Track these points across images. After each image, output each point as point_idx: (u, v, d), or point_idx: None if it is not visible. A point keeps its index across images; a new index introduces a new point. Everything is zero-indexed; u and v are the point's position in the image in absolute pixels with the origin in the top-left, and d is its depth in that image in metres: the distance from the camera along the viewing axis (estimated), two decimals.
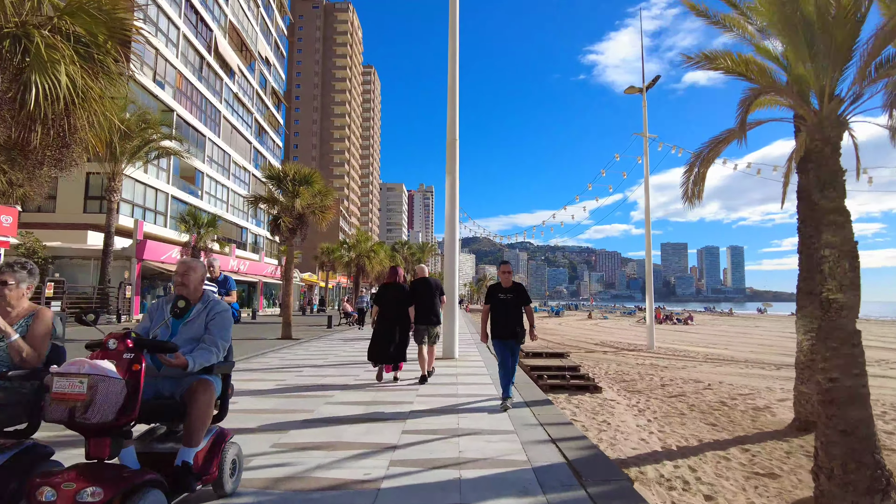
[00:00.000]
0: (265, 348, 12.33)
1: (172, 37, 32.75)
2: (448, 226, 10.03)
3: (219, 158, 39.60)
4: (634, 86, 21.68)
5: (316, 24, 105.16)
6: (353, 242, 38.33)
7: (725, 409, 9.32)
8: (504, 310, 5.82)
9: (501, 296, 5.87)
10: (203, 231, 22.18)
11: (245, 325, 23.84)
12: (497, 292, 5.93)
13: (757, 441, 7.19)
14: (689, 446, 6.93)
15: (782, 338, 28.40)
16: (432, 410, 5.40)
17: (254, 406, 5.63)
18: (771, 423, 8.24)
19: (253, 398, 6.09)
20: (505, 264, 6.11)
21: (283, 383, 7.16)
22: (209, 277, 7.20)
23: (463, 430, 4.59)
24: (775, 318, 67.21)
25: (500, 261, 6.22)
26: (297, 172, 14.97)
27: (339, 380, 7.49)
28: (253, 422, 4.89)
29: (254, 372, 8.30)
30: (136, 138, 20.09)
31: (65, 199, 26.44)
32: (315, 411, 5.34)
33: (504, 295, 5.87)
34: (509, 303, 5.82)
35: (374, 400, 5.96)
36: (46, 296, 16.54)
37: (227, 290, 7.23)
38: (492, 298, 5.95)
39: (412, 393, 6.41)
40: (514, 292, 5.89)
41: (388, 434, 4.46)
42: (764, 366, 15.72)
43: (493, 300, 5.92)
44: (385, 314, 7.25)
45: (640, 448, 6.83)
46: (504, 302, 5.84)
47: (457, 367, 8.97)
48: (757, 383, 12.23)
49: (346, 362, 9.67)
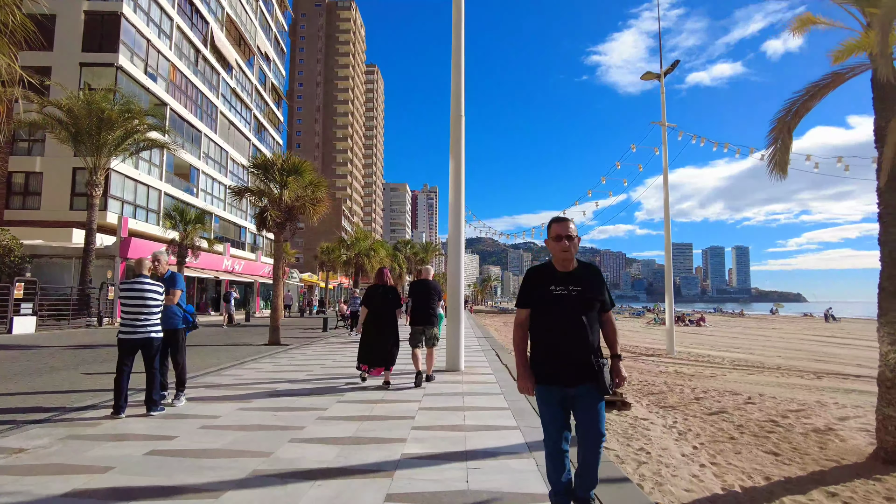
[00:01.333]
0: (246, 357, 10.96)
1: (165, 28, 31.51)
2: (452, 215, 8.62)
3: (215, 155, 38.35)
4: (651, 71, 20.21)
5: (318, 23, 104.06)
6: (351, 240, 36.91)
7: (781, 430, 7.86)
8: (565, 318, 2.73)
9: (558, 289, 2.76)
10: (190, 227, 20.80)
11: (236, 329, 22.50)
12: (547, 282, 2.79)
13: (839, 479, 5.74)
14: (758, 487, 5.49)
15: (806, 341, 26.86)
16: (432, 457, 3.98)
17: (197, 444, 4.25)
18: (845, 452, 6.79)
19: (202, 433, 4.70)
20: (562, 222, 2.83)
21: (248, 407, 5.77)
22: (153, 274, 5.85)
23: (475, 495, 3.19)
24: (789, 319, 65.46)
25: (553, 219, 2.91)
26: (285, 162, 13.61)
27: (317, 401, 6.10)
28: (182, 473, 3.50)
29: (217, 390, 6.91)
30: (118, 129, 18.78)
31: (50, 196, 25.24)
32: (272, 455, 3.95)
33: (563, 288, 2.76)
34: (574, 303, 2.73)
35: (355, 435, 4.56)
36: (16, 297, 15.22)
37: (169, 288, 5.88)
38: (536, 296, 2.82)
39: (406, 423, 5.01)
40: (584, 281, 2.79)
41: (368, 502, 3.06)
42: (802, 374, 14.23)
43: (541, 299, 2.80)
44: (373, 316, 7.05)
45: (695, 489, 5.39)
46: (563, 301, 2.74)
47: (462, 382, 7.56)
48: (803, 396, 10.76)
49: (332, 375, 8.28)
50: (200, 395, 6.48)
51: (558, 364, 2.73)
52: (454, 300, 8.75)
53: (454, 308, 8.70)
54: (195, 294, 33.69)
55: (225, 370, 8.81)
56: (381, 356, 6.96)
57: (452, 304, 8.73)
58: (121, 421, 5.04)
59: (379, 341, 6.96)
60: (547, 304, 2.77)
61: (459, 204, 8.59)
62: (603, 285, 2.87)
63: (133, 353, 5.38)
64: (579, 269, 2.85)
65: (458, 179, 8.56)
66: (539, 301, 2.80)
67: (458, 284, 8.73)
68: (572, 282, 2.77)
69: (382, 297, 7.07)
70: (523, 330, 2.88)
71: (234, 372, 8.58)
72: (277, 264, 14.11)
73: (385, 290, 7.13)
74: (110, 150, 19.05)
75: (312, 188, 14.09)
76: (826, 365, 15.96)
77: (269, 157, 14.70)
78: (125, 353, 5.34)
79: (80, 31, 26.27)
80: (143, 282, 5.42)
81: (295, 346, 13.60)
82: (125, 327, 5.33)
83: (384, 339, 6.97)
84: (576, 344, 2.72)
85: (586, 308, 2.76)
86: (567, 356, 2.72)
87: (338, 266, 38.04)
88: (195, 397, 6.26)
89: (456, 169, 8.59)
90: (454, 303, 8.74)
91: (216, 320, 26.66)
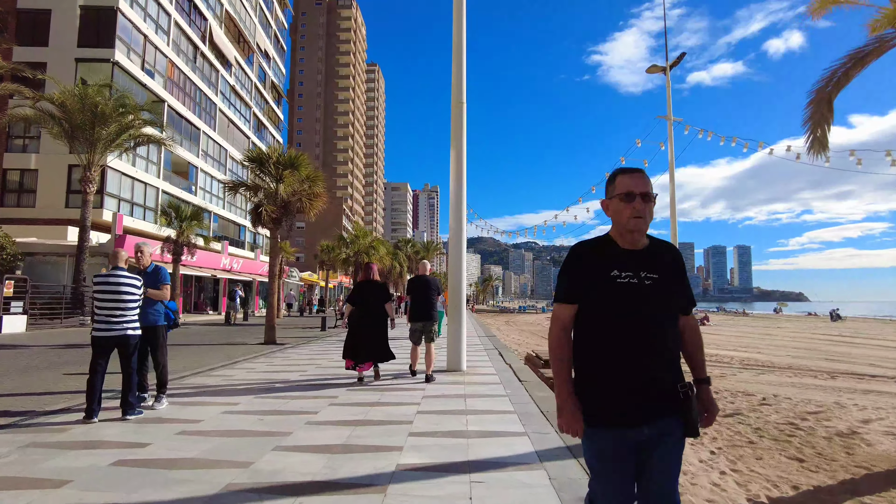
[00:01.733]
0: (240, 356, 10.55)
1: (163, 24, 31.12)
2: (454, 206, 8.18)
3: (214, 153, 37.96)
4: (657, 64, 19.76)
5: (319, 21, 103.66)
6: (351, 238, 36.48)
7: (802, 434, 7.42)
8: (637, 319, 1.77)
9: (624, 275, 1.79)
10: (186, 224, 20.38)
11: (233, 327, 22.11)
12: (607, 264, 1.81)
13: (873, 489, 5.29)
14: (785, 497, 5.05)
15: (814, 340, 26.40)
16: (431, 468, 3.55)
17: (171, 452, 3.83)
18: (874, 459, 6.34)
19: (179, 439, 4.28)
20: (635, 174, 1.86)
21: (233, 410, 5.35)
22: (135, 267, 5.45)
23: None
24: (793, 318, 64.91)
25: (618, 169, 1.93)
26: (280, 155, 13.18)
27: (309, 404, 5.67)
28: (147, 488, 3.08)
29: (203, 392, 6.49)
30: (112, 124, 18.37)
31: (45, 193, 24.87)
32: (252, 466, 3.53)
33: (632, 274, 1.79)
34: (651, 296, 1.79)
35: (346, 443, 4.13)
36: (6, 295, 14.82)
37: (158, 283, 5.49)
38: (589, 285, 1.82)
39: (403, 429, 4.58)
40: (662, 265, 1.85)
41: None
42: (815, 374, 13.78)
43: (597, 289, 1.81)
44: (361, 312, 6.99)
45: (717, 500, 4.96)
46: (633, 294, 1.78)
47: (465, 383, 7.13)
48: (820, 397, 10.32)
49: (328, 375, 7.86)
50: (185, 397, 6.07)
51: (625, 392, 1.74)
52: (456, 296, 8.30)
53: (456, 305, 8.25)
54: (193, 292, 33.31)
55: (215, 370, 8.40)
56: (370, 351, 6.91)
57: (454, 301, 8.29)
58: (92, 426, 4.63)
59: (366, 336, 6.89)
60: (607, 298, 1.77)
61: (461, 195, 8.16)
62: (685, 273, 1.94)
63: (108, 352, 4.97)
64: (654, 246, 1.87)
65: (459, 168, 8.12)
66: (594, 293, 1.79)
67: (460, 279, 8.29)
68: (645, 265, 1.80)
69: (370, 293, 7.03)
70: (566, 336, 1.85)
71: (224, 372, 8.16)
72: (273, 261, 13.68)
73: (373, 285, 7.11)
74: (105, 146, 18.64)
75: (310, 182, 13.66)
76: (839, 364, 15.52)
77: (265, 150, 14.28)
78: (99, 353, 4.93)
79: (76, 26, 25.89)
80: (119, 274, 5.01)
81: (291, 345, 13.18)
82: (99, 324, 4.93)
83: (372, 334, 6.91)
84: (653, 360, 1.75)
85: (666, 305, 1.81)
86: (640, 379, 1.74)
87: (338, 264, 37.59)
88: (179, 400, 5.85)
89: (457, 157, 8.15)
90: (456, 299, 8.29)
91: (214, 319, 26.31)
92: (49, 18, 25.76)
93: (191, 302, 32.71)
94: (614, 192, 1.86)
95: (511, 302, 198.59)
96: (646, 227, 1.82)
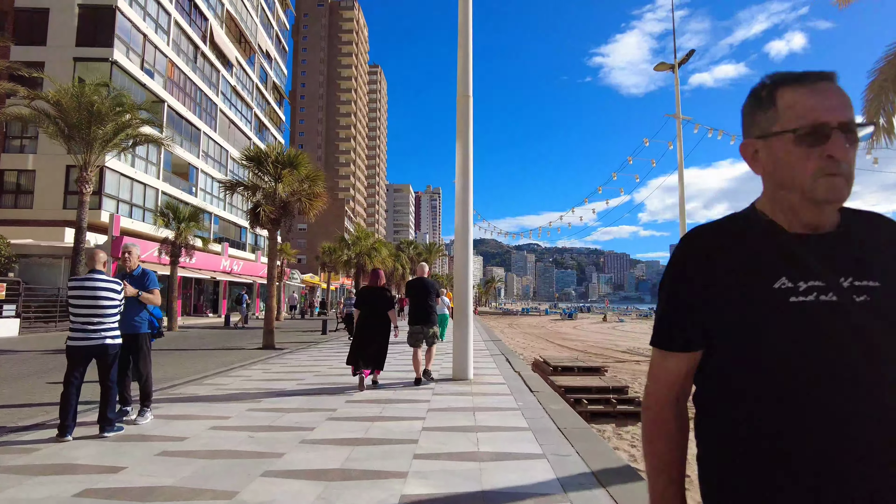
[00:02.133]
0: (236, 362, 10.12)
1: (163, 23, 30.79)
2: (460, 203, 7.74)
3: (215, 154, 37.63)
4: (665, 62, 19.31)
5: (321, 22, 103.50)
6: (353, 239, 36.04)
7: None
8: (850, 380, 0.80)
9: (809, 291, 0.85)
10: (184, 226, 19.99)
11: (232, 331, 21.71)
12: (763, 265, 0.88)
13: None
14: None
15: None
16: (440, 500, 3.10)
17: (147, 478, 3.39)
18: None
19: (159, 461, 3.84)
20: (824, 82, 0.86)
21: (222, 425, 4.92)
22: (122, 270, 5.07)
23: None
24: None
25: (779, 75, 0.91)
26: (279, 154, 12.76)
27: (305, 418, 5.24)
28: None
29: (193, 404, 6.06)
30: (109, 123, 17.95)
31: (43, 195, 24.50)
32: (238, 496, 3.10)
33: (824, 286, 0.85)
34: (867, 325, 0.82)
35: (343, 466, 3.69)
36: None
37: (144, 288, 5.09)
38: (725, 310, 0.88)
39: (407, 449, 4.13)
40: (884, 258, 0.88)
41: None
42: None
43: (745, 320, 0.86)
44: (366, 317, 6.81)
45: None
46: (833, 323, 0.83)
47: (472, 393, 6.69)
48: None
49: (326, 385, 7.44)
50: (172, 409, 5.64)
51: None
52: (462, 298, 7.83)
53: (462, 309, 7.77)
54: (192, 295, 32.93)
55: (208, 378, 7.97)
56: (372, 357, 6.80)
57: (460, 305, 7.82)
58: (65, 445, 4.20)
59: (371, 342, 6.77)
60: (772, 338, 0.85)
61: (467, 189, 7.72)
62: None
63: (85, 362, 4.55)
64: (856, 226, 0.92)
65: (465, 163, 7.69)
66: (740, 328, 0.88)
67: (466, 277, 7.82)
68: (848, 264, 0.88)
69: (376, 298, 6.90)
70: (677, 410, 0.98)
71: (217, 381, 7.73)
72: (272, 263, 13.26)
73: (378, 292, 6.97)
74: (101, 146, 18.24)
75: (309, 182, 13.24)
76: None
77: (263, 148, 13.86)
78: (75, 363, 4.50)
79: (74, 26, 25.56)
80: (96, 278, 4.60)
81: (290, 350, 12.75)
82: (75, 332, 4.50)
83: (376, 339, 6.80)
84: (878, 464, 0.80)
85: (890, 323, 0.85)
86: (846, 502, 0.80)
87: (339, 266, 37.15)
88: (165, 412, 5.42)
89: (464, 152, 7.72)
90: (462, 302, 7.82)
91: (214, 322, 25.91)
92: (47, 17, 25.44)
93: (190, 304, 32.32)
94: (781, 121, 0.89)
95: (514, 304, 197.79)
96: (848, 191, 0.86)
